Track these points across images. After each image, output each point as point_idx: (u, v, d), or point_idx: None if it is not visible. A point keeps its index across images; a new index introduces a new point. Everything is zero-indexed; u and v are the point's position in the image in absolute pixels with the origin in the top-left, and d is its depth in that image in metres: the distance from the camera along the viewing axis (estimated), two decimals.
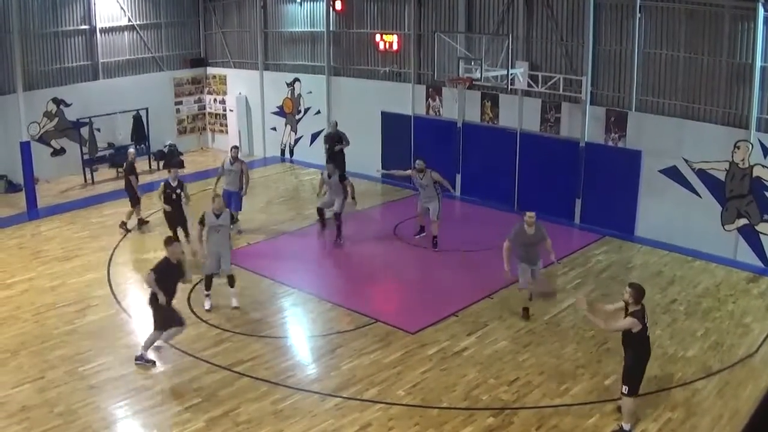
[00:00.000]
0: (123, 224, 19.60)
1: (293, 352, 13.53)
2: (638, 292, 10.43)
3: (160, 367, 12.56)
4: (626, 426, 10.73)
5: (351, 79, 25.45)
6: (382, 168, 21.99)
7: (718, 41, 17.19)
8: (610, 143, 19.35)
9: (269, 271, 16.90)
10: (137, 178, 19.65)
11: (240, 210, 19.25)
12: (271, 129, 28.28)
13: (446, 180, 18.44)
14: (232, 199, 18.58)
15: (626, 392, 10.58)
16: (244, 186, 19.15)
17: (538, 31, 20.52)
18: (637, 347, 10.50)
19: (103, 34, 26.39)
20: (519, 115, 21.02)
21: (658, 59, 18.31)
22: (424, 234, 18.54)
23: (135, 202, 19.58)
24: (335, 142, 22.09)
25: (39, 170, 23.23)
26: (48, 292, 15.77)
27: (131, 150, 20.84)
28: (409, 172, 18.70)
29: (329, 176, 18.69)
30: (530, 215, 14.03)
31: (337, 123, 22.77)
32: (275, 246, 18.75)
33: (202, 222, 14.70)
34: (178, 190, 17.80)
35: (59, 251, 18.25)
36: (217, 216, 14.67)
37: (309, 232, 19.78)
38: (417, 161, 18.30)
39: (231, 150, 19.46)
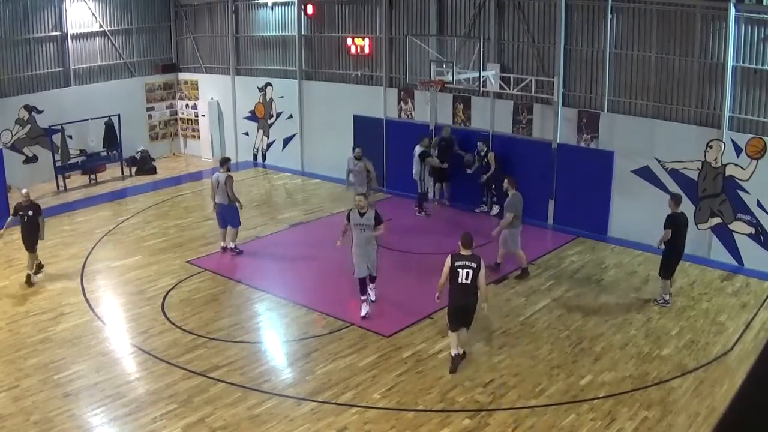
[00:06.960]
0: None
1: (268, 356, 13.48)
2: (464, 238, 12.19)
3: (135, 373, 12.48)
4: (453, 351, 12.52)
5: (323, 83, 25.42)
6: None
7: (690, 41, 17.32)
8: (583, 144, 19.44)
9: (243, 276, 16.85)
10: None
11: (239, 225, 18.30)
12: (243, 134, 28.16)
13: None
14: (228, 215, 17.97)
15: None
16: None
17: (510, 33, 20.58)
18: None
19: (74, 41, 26.17)
20: (491, 117, 21.07)
21: (630, 60, 18.42)
22: None
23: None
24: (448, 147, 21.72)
25: (11, 178, 23.04)
26: (21, 300, 15.60)
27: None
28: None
29: (357, 159, 20.06)
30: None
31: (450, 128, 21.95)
32: (249, 251, 18.62)
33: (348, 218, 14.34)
34: (30, 212, 16.32)
35: None
36: (362, 215, 14.13)
37: (282, 237, 19.74)
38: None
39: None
